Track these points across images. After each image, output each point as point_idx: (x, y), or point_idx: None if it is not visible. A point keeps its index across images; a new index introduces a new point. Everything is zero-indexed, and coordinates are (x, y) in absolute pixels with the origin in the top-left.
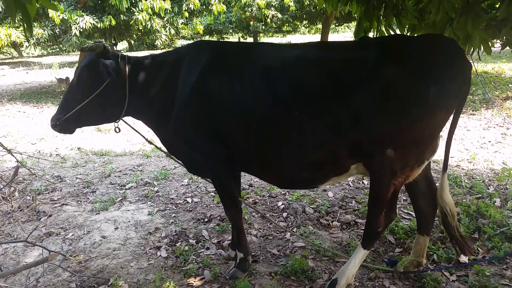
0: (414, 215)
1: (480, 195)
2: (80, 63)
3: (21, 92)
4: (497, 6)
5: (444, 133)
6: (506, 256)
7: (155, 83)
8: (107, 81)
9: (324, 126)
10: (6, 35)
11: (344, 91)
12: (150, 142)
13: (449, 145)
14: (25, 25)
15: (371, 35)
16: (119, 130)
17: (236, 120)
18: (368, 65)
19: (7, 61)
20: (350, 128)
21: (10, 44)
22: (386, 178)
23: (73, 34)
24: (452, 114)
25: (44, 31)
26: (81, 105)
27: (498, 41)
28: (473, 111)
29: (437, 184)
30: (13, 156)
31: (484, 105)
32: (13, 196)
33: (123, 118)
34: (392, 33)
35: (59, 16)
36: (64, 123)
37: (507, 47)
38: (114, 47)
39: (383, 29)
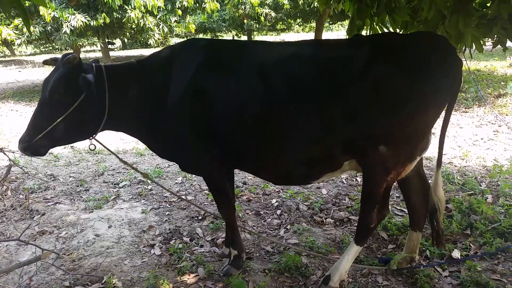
0: (407, 212)
1: (473, 192)
2: (52, 77)
3: (13, 91)
4: (488, 4)
5: (437, 130)
6: (497, 251)
7: (142, 89)
8: (83, 95)
9: (318, 123)
10: None
11: (337, 88)
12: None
13: (442, 141)
14: (23, 20)
15: (364, 33)
16: (95, 147)
17: (231, 118)
18: (360, 62)
19: None
20: (344, 125)
21: (1, 42)
22: (378, 174)
23: (63, 32)
24: (444, 111)
25: (35, 28)
26: (55, 123)
27: (490, 39)
28: (465, 108)
29: (430, 181)
30: (6, 154)
31: (477, 103)
32: (6, 195)
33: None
34: (385, 30)
35: (50, 14)
36: (37, 145)
37: (499, 45)
38: (110, 45)
39: (376, 26)
